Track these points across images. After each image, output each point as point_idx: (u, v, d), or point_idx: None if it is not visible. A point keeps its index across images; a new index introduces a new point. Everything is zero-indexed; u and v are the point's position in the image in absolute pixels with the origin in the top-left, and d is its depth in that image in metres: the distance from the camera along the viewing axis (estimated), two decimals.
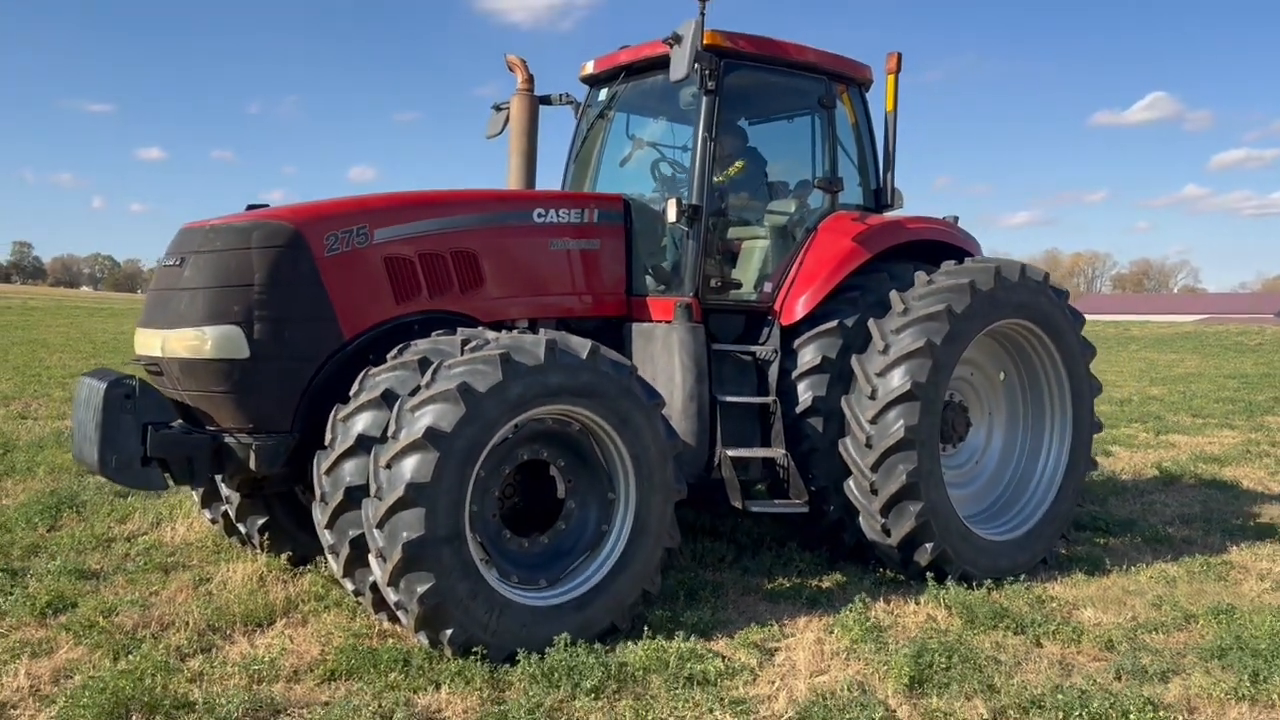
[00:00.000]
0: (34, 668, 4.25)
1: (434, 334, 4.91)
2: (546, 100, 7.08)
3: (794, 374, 5.96)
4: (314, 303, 4.93)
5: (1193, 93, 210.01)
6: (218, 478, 5.49)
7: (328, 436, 4.61)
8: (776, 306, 6.16)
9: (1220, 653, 4.67)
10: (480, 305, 5.50)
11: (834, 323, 5.99)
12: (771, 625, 5.02)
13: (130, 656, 4.35)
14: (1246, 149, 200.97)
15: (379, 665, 4.29)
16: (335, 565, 4.58)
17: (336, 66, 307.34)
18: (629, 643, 4.60)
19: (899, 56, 6.65)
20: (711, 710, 3.98)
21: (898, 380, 5.65)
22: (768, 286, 6.23)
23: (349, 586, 4.64)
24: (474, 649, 4.33)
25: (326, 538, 4.55)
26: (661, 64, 5.99)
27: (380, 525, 4.22)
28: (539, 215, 5.81)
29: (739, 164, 6.49)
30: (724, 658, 4.53)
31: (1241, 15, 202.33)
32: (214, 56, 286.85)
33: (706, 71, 5.81)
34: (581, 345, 4.70)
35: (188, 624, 4.81)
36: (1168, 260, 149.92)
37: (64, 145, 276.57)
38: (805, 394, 5.90)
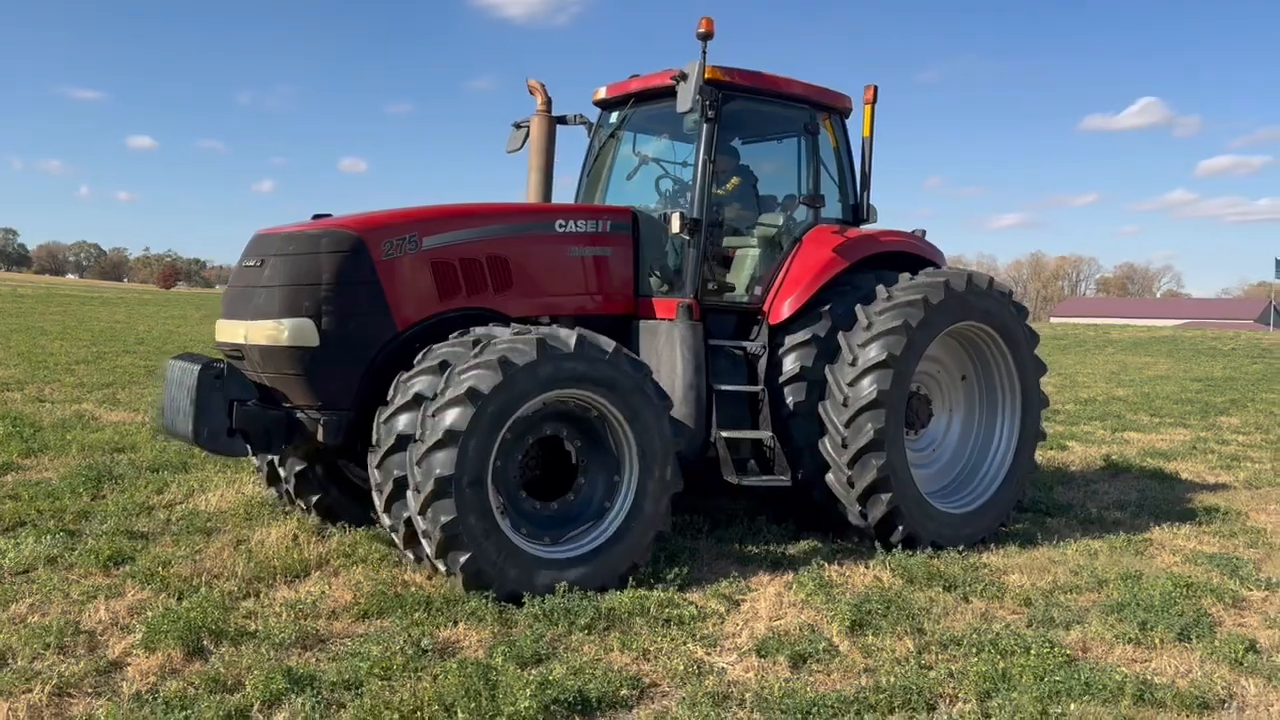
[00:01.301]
0: (110, 605, 4.99)
1: (490, 324, 5.79)
2: (563, 120, 7.91)
3: (781, 357, 6.82)
4: (372, 299, 5.77)
5: (1182, 98, 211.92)
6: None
7: (390, 395, 5.48)
8: (765, 307, 6.99)
9: (1119, 608, 5.49)
10: (510, 303, 6.31)
11: (817, 319, 6.85)
12: (739, 582, 5.81)
13: (192, 598, 5.11)
14: (1234, 155, 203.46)
15: (405, 606, 5.07)
16: (378, 501, 5.43)
17: (329, 58, 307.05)
18: (616, 593, 5.38)
19: (875, 89, 7.55)
20: (685, 643, 4.78)
21: (875, 351, 6.53)
22: (758, 290, 7.06)
23: (386, 521, 5.48)
24: (482, 582, 5.15)
25: (375, 477, 5.41)
26: (666, 92, 6.85)
27: (419, 463, 5.09)
28: (560, 225, 6.63)
29: (735, 180, 7.35)
30: (697, 606, 5.32)
31: (1232, 22, 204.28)
32: (207, 45, 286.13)
33: (707, 102, 6.66)
34: (607, 343, 5.55)
35: (235, 574, 5.57)
36: (1152, 265, 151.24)
37: (53, 132, 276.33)
38: (791, 366, 6.76)
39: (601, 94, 7.75)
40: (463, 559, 5.11)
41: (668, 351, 6.57)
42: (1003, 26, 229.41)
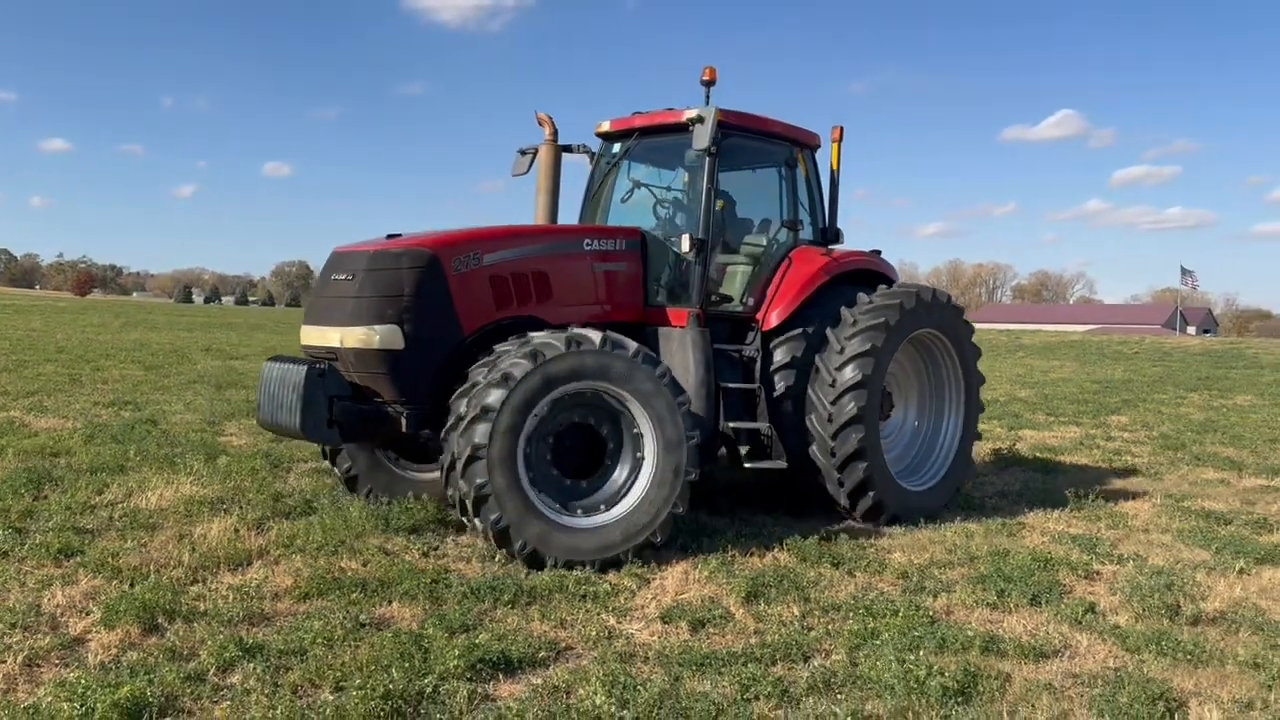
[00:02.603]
0: (66, 591, 5.38)
1: (528, 333, 6.59)
2: (568, 149, 8.79)
3: (774, 358, 7.90)
4: (445, 308, 6.69)
5: (1098, 111, 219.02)
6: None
7: (451, 405, 6.37)
8: (759, 316, 8.04)
9: (984, 579, 6.22)
10: (548, 312, 7.17)
11: (802, 325, 7.93)
12: (652, 564, 6.42)
13: (143, 584, 5.51)
14: (1147, 166, 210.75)
15: (343, 588, 5.55)
16: (442, 473, 6.35)
17: (255, 60, 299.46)
18: (537, 573, 5.96)
19: (842, 129, 8.77)
20: (599, 613, 5.37)
21: (859, 343, 7.75)
22: (750, 301, 8.10)
23: (449, 491, 6.32)
24: (505, 540, 6.07)
25: (448, 485, 6.31)
26: (665, 129, 8.00)
27: (463, 476, 6.04)
28: (586, 244, 7.59)
29: (720, 204, 8.23)
30: (611, 583, 5.92)
31: (1146, 38, 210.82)
32: (128, 47, 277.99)
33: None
34: (630, 343, 6.46)
35: (181, 564, 5.98)
36: (1066, 272, 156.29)
37: None
38: (783, 365, 7.85)
39: (605, 127, 8.62)
40: (517, 546, 6.05)
41: (680, 354, 7.48)
42: (927, 39, 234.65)
